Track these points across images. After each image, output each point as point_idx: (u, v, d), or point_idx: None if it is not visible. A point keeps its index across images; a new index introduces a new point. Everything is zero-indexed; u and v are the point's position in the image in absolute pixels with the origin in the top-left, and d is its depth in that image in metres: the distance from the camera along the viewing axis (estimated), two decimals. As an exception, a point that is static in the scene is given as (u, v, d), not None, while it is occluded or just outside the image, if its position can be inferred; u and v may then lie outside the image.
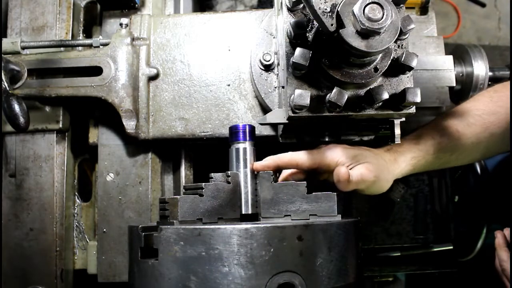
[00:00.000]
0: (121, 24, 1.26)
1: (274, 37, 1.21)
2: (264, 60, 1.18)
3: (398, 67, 1.01)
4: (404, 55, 0.99)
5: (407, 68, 1.00)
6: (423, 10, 1.42)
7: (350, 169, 1.06)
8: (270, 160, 1.09)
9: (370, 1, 0.86)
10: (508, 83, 1.29)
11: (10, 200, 1.28)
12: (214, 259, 0.81)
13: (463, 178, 1.63)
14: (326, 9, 0.91)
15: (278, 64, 1.16)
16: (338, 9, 0.90)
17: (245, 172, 1.04)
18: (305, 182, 1.01)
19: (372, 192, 1.14)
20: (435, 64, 1.35)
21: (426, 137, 1.21)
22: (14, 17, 1.33)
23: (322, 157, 1.09)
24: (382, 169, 1.11)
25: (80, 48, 1.32)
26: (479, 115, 1.23)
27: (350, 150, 1.11)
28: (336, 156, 1.09)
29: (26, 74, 1.22)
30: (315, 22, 0.99)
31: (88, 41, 1.27)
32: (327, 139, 1.23)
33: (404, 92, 0.99)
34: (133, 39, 1.25)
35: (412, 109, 1.03)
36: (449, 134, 1.21)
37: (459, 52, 1.50)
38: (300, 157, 1.09)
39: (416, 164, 1.19)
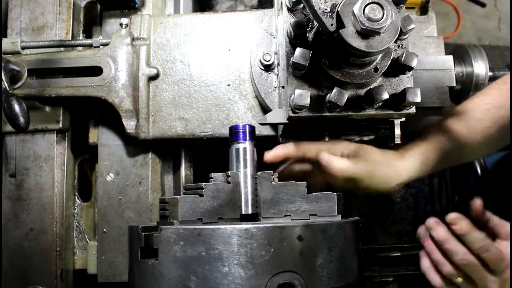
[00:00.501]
0: (121, 24, 1.26)
1: (274, 37, 1.21)
2: (264, 60, 1.18)
3: (398, 67, 1.01)
4: (404, 55, 0.99)
5: (407, 68, 1.00)
6: (423, 10, 1.42)
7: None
8: (281, 151, 1.15)
9: (370, 1, 0.86)
10: None
11: (10, 200, 1.28)
12: (214, 259, 0.81)
13: (463, 178, 1.63)
14: (326, 9, 0.91)
15: (278, 64, 1.16)
16: (338, 9, 0.90)
17: (245, 172, 1.04)
18: (305, 182, 1.01)
19: (373, 187, 1.14)
20: (435, 64, 1.35)
21: (435, 133, 1.21)
22: (14, 17, 1.33)
23: (328, 148, 1.13)
24: (379, 164, 1.12)
25: (80, 48, 1.32)
26: (488, 109, 1.22)
27: (353, 145, 1.14)
28: (339, 148, 1.13)
29: (26, 74, 1.22)
30: (315, 22, 0.99)
31: (88, 41, 1.27)
32: (327, 139, 1.23)
33: (404, 92, 0.99)
34: (133, 39, 1.25)
35: (412, 109, 1.03)
36: (458, 130, 1.20)
37: (459, 52, 1.49)
38: (307, 147, 1.15)
39: (427, 160, 1.17)
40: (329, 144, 1.16)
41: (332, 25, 0.90)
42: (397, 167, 1.15)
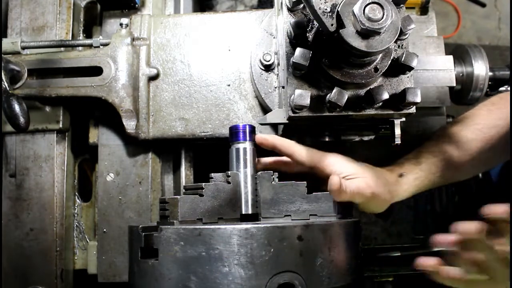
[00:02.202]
0: (121, 24, 1.26)
1: (274, 37, 1.21)
2: (264, 60, 1.18)
3: (398, 67, 1.01)
4: (404, 55, 0.99)
5: (407, 68, 1.00)
6: (423, 10, 1.42)
7: (347, 180, 1.04)
8: (270, 137, 1.11)
9: (370, 1, 0.86)
10: (505, 95, 1.30)
11: (10, 200, 1.28)
12: (214, 259, 0.81)
13: (465, 183, 1.63)
14: (326, 9, 0.91)
15: (278, 64, 1.16)
16: (338, 9, 0.90)
17: (245, 172, 1.04)
18: (305, 182, 1.02)
19: (369, 209, 1.12)
20: (435, 64, 1.35)
21: (427, 156, 1.20)
22: (14, 17, 1.33)
23: (321, 158, 1.08)
24: (381, 187, 1.09)
25: (80, 48, 1.32)
26: (479, 129, 1.22)
27: (351, 163, 1.09)
28: (334, 162, 1.07)
29: (26, 74, 1.22)
30: (315, 22, 0.99)
31: (88, 41, 1.27)
32: (327, 139, 1.23)
33: (404, 92, 0.99)
34: (133, 39, 1.25)
35: (412, 109, 1.03)
36: (450, 151, 1.20)
37: (459, 52, 1.49)
38: (298, 149, 1.10)
39: (420, 185, 1.18)
40: (324, 154, 1.10)
41: (332, 25, 0.90)
42: (394, 192, 1.14)
